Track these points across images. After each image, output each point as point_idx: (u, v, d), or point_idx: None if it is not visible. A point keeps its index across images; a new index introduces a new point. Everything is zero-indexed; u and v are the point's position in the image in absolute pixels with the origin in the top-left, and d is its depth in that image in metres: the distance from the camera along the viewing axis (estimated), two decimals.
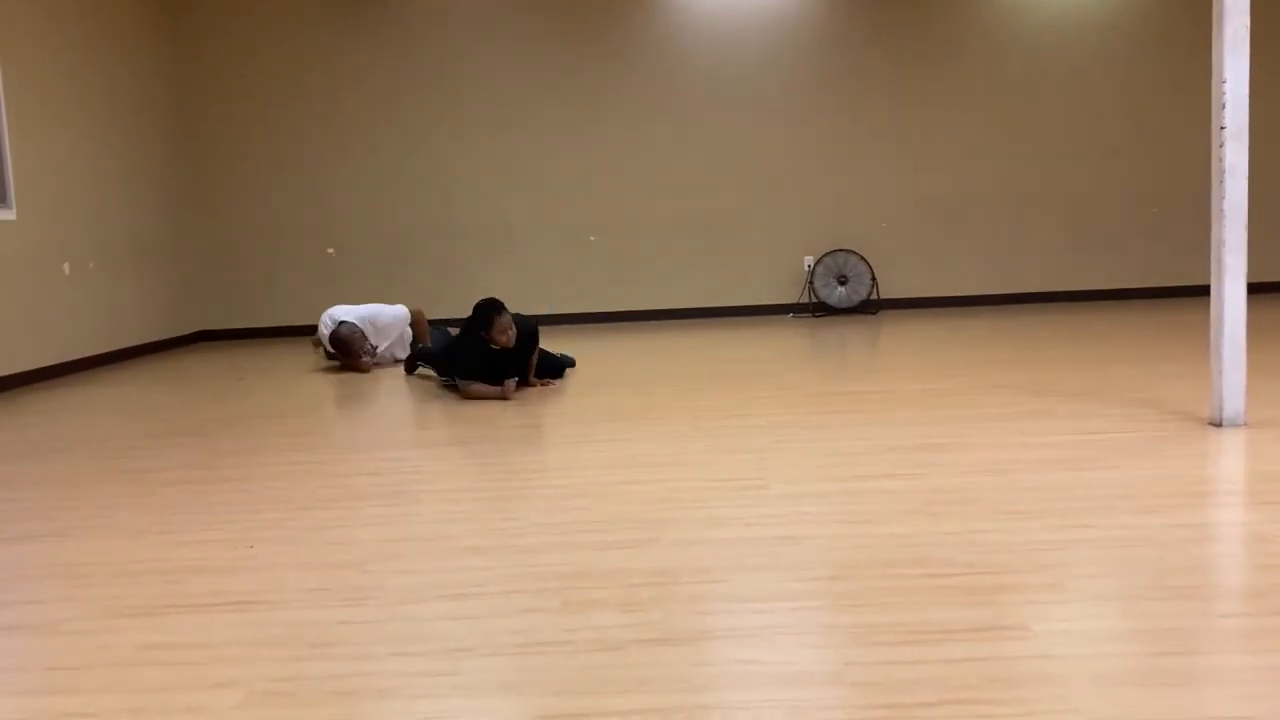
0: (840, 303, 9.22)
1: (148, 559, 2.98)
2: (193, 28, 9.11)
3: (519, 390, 5.55)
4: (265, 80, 9.16)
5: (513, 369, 5.50)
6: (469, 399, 5.45)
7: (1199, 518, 2.96)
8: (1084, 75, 9.20)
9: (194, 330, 9.25)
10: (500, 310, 5.39)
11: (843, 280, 9.23)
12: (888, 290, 9.36)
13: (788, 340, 7.63)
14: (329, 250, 9.32)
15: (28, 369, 6.83)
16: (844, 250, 9.26)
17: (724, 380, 5.73)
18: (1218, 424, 4.01)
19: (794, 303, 9.36)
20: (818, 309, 9.29)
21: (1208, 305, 4.06)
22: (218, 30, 9.12)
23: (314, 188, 9.26)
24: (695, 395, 5.30)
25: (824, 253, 9.29)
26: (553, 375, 5.93)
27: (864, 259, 9.25)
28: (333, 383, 6.45)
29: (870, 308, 9.27)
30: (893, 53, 9.18)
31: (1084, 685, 1.94)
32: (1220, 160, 3.89)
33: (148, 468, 4.20)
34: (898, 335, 7.62)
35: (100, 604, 2.62)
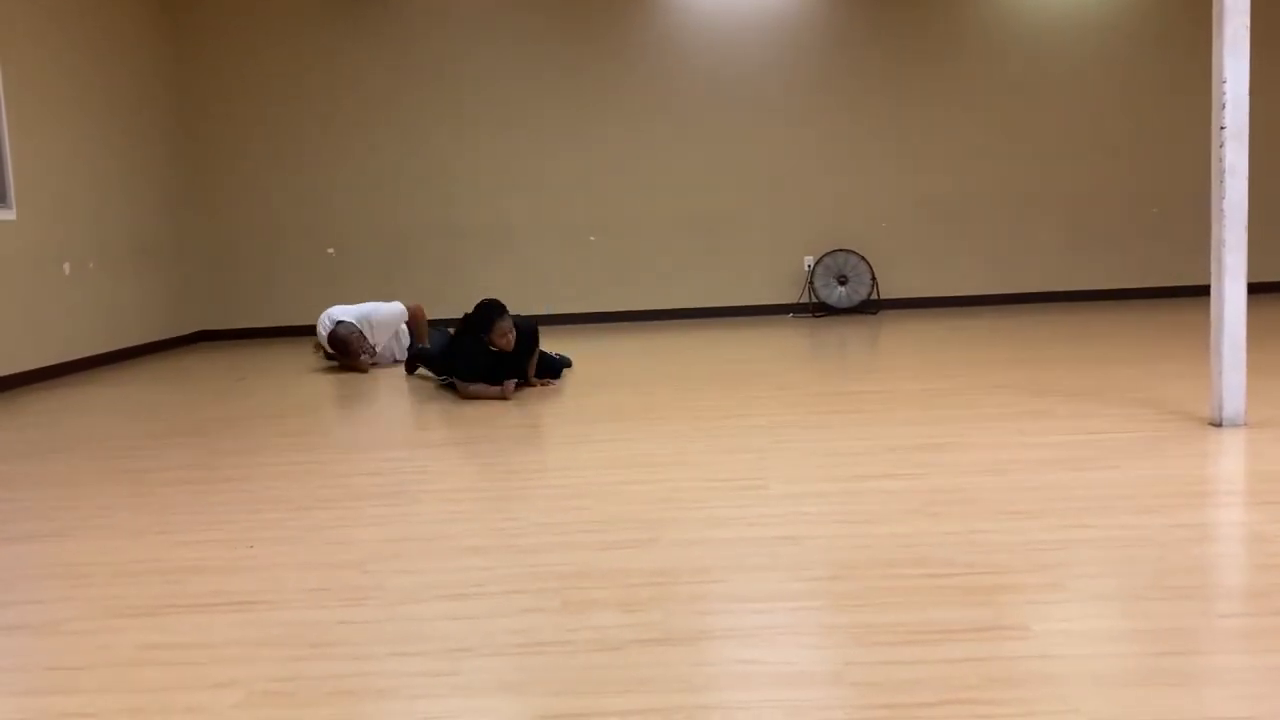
0: (840, 303, 9.22)
1: (148, 559, 2.98)
2: (193, 28, 9.11)
3: (519, 390, 5.56)
4: (265, 80, 9.16)
5: (512, 370, 5.50)
6: (468, 399, 5.45)
7: (1199, 518, 2.96)
8: (1084, 75, 9.20)
9: (194, 330, 9.26)
10: (501, 314, 5.38)
11: (843, 280, 9.23)
12: (888, 290, 9.36)
13: (788, 340, 7.63)
14: (329, 250, 9.32)
15: (28, 369, 6.83)
16: (844, 250, 9.27)
17: (724, 380, 5.73)
18: (1218, 424, 4.01)
19: (794, 303, 9.36)
20: (818, 309, 9.29)
21: (1208, 305, 4.06)
22: (218, 30, 9.12)
23: (314, 188, 9.26)
24: (695, 395, 5.30)
25: (824, 253, 9.29)
26: (551, 375, 5.93)
27: (864, 259, 9.26)
28: (333, 383, 6.45)
29: (870, 308, 9.27)
30: (893, 53, 9.18)
31: (1084, 685, 1.94)
32: (1220, 160, 3.89)
33: (148, 468, 4.20)
34: (898, 335, 7.62)
35: (100, 604, 2.62)
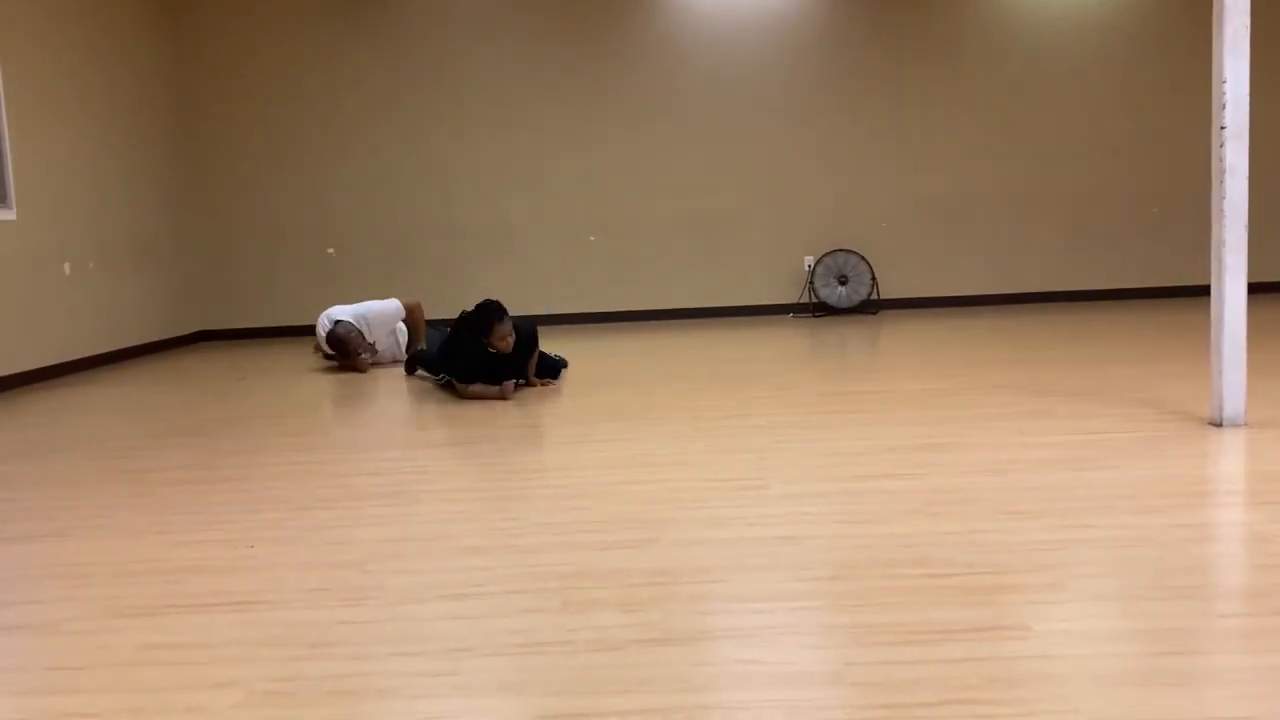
0: (840, 303, 9.22)
1: (148, 559, 2.98)
2: (193, 28, 9.11)
3: (518, 390, 5.55)
4: (265, 80, 9.16)
5: (511, 370, 5.50)
6: (467, 399, 5.45)
7: (1199, 518, 2.96)
8: (1084, 75, 9.20)
9: (194, 330, 9.26)
10: (501, 317, 5.36)
11: (843, 280, 9.23)
12: (888, 290, 9.36)
13: (788, 340, 7.63)
14: (329, 250, 9.32)
15: (28, 369, 6.83)
16: (844, 250, 9.27)
17: (724, 380, 5.73)
18: (1218, 424, 4.01)
19: (794, 303, 9.36)
20: (818, 309, 9.29)
21: (1208, 305, 4.06)
22: (218, 30, 9.12)
23: (314, 188, 9.26)
24: (695, 395, 5.30)
25: (824, 253, 9.29)
26: (551, 375, 5.92)
27: (864, 259, 9.26)
28: (332, 383, 6.45)
29: (870, 308, 9.27)
30: (893, 53, 9.18)
31: (1084, 685, 1.94)
32: (1220, 160, 3.89)
33: (148, 468, 4.20)
34: (898, 335, 7.61)
35: (100, 604, 2.62)
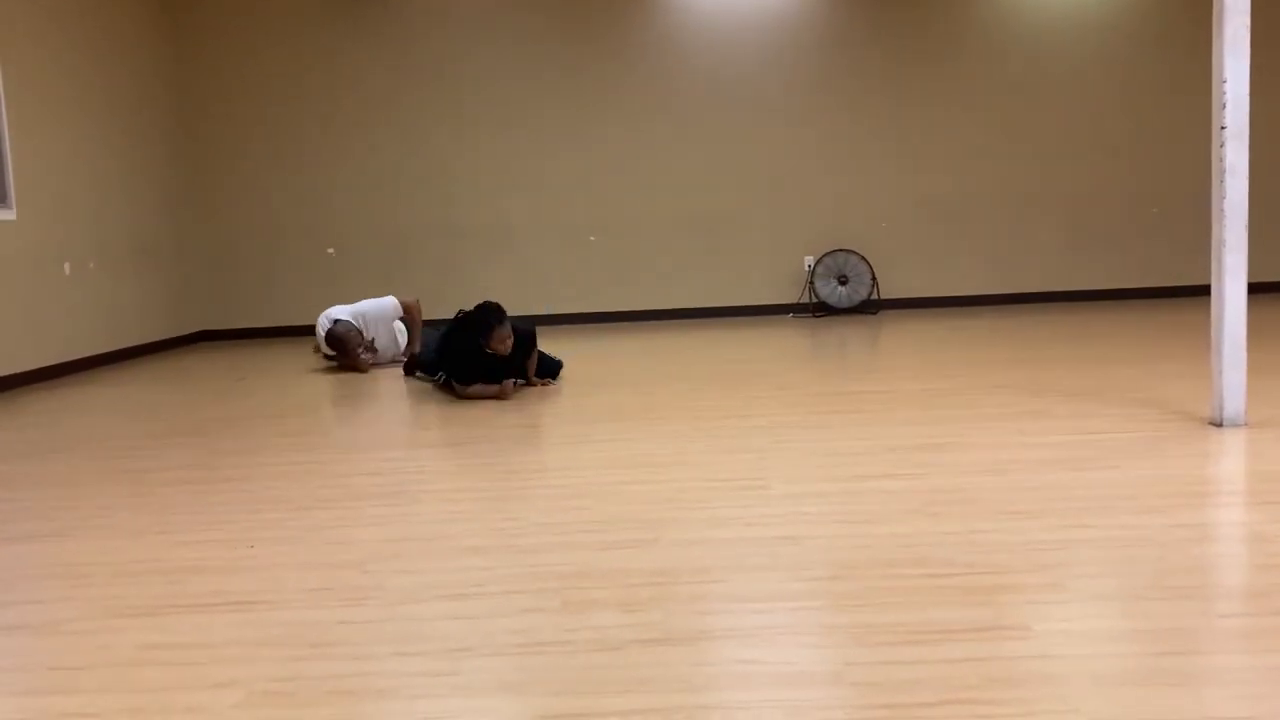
0: (840, 303, 9.22)
1: (148, 559, 2.98)
2: (193, 28, 9.11)
3: (518, 390, 5.55)
4: (265, 80, 9.16)
5: (510, 371, 5.50)
6: (467, 399, 5.45)
7: (1199, 518, 2.96)
8: (1084, 75, 9.20)
9: (194, 330, 9.26)
10: (501, 320, 5.34)
11: (843, 280, 9.23)
12: (888, 290, 9.36)
13: (788, 340, 7.63)
14: (329, 250, 9.32)
15: (28, 369, 6.83)
16: (844, 250, 9.26)
17: (724, 380, 5.73)
18: (1218, 424, 4.01)
19: (794, 303, 9.36)
20: (818, 309, 9.29)
21: (1208, 305, 4.06)
22: (218, 30, 9.12)
23: (314, 188, 9.26)
24: (695, 395, 5.30)
25: (824, 253, 9.29)
26: (551, 375, 5.92)
27: (864, 259, 9.26)
28: (332, 383, 6.45)
29: (870, 308, 9.27)
30: (893, 53, 9.18)
31: (1084, 685, 1.94)
32: (1220, 160, 3.89)
33: (148, 468, 4.20)
34: (898, 335, 7.61)
35: (100, 604, 2.62)
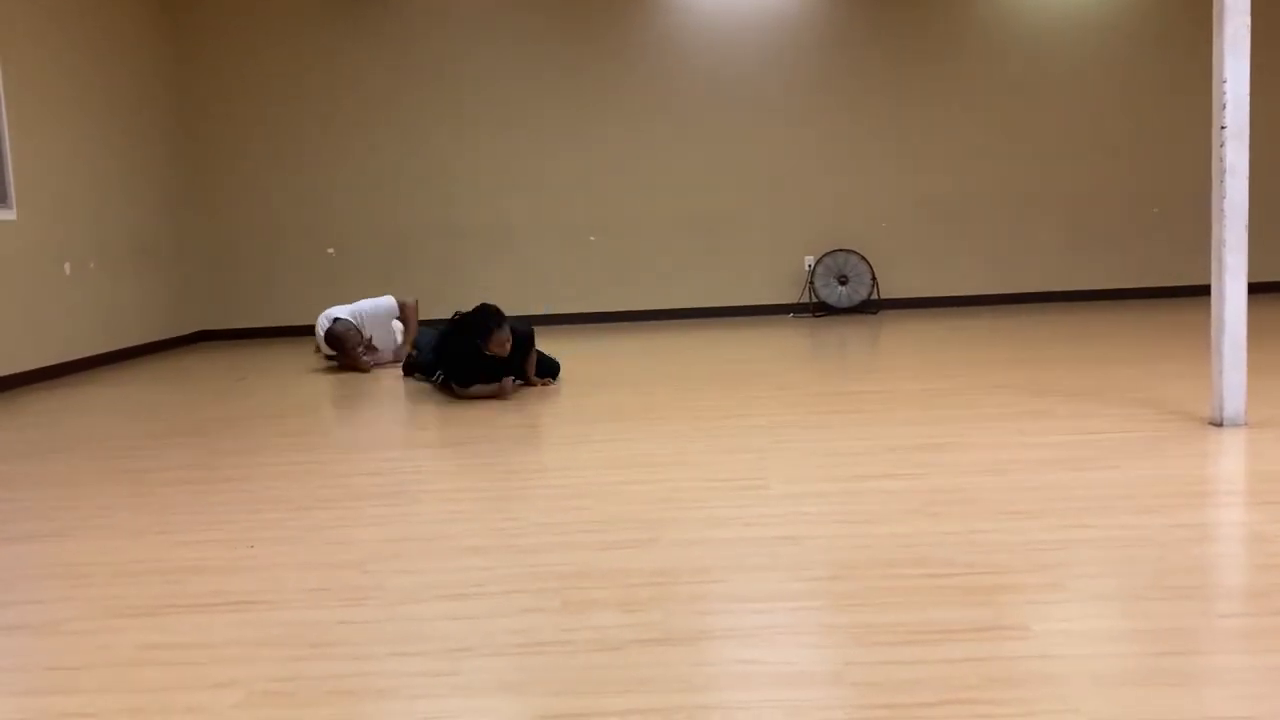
0: (840, 302, 9.22)
1: (148, 559, 2.98)
2: (193, 28, 9.11)
3: (518, 389, 5.55)
4: (265, 80, 9.16)
5: (509, 371, 5.50)
6: (466, 399, 5.44)
7: (1199, 518, 2.96)
8: (1084, 75, 9.20)
9: (194, 330, 9.26)
10: (499, 324, 5.33)
11: (843, 280, 9.23)
12: (888, 290, 9.36)
13: (788, 340, 7.63)
14: (329, 250, 9.32)
15: (28, 369, 6.83)
16: (844, 250, 9.26)
17: (724, 380, 5.73)
18: (1218, 424, 4.00)
19: (794, 303, 9.36)
20: (818, 309, 9.29)
21: (1208, 305, 4.06)
22: (218, 30, 9.12)
23: (314, 188, 9.26)
24: (695, 395, 5.30)
25: (824, 253, 9.29)
26: (550, 375, 5.92)
27: (864, 259, 9.25)
28: (332, 383, 6.45)
29: (870, 308, 9.27)
30: (893, 53, 9.18)
31: (1084, 685, 1.94)
32: (1221, 160, 3.89)
33: (148, 468, 4.20)
34: (898, 335, 7.61)
35: (100, 604, 2.62)
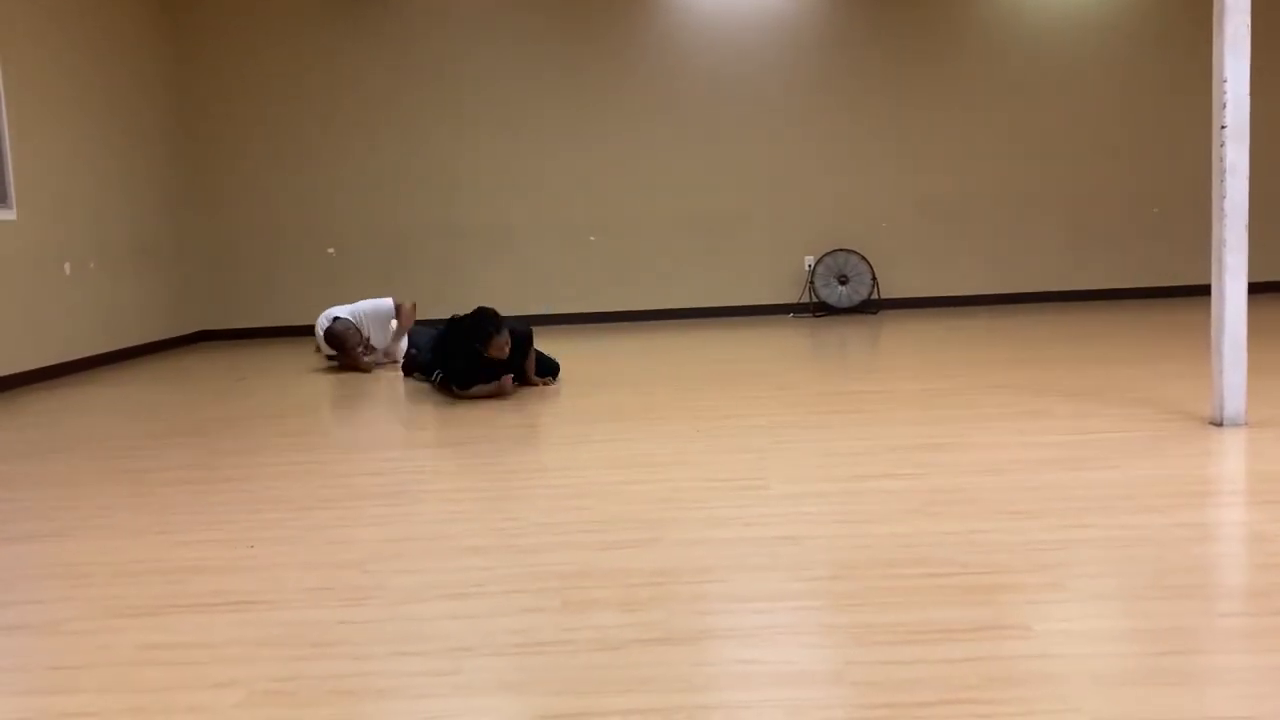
0: (841, 302, 9.22)
1: (148, 559, 2.98)
2: (193, 28, 9.11)
3: (518, 389, 5.55)
4: (265, 80, 9.16)
5: (508, 371, 5.50)
6: (467, 399, 5.44)
7: (1199, 517, 2.97)
8: (1084, 75, 9.20)
9: (194, 330, 9.25)
10: (499, 329, 5.33)
11: (843, 280, 9.23)
12: (888, 290, 9.36)
13: (788, 340, 7.63)
14: (329, 250, 9.32)
15: (28, 369, 6.83)
16: (844, 250, 9.26)
17: (724, 380, 5.73)
18: (1218, 423, 4.00)
19: (794, 303, 9.36)
20: (818, 309, 9.29)
21: (1208, 305, 4.06)
22: (218, 30, 9.12)
23: (314, 187, 9.26)
24: (695, 395, 5.30)
25: (824, 253, 9.29)
26: (550, 374, 5.92)
27: (864, 259, 9.25)
28: (333, 383, 6.45)
29: (871, 308, 9.26)
30: (893, 53, 9.18)
31: (1084, 685, 1.94)
32: (1221, 160, 3.89)
33: (148, 468, 4.20)
34: (898, 335, 7.62)
35: (100, 604, 2.62)
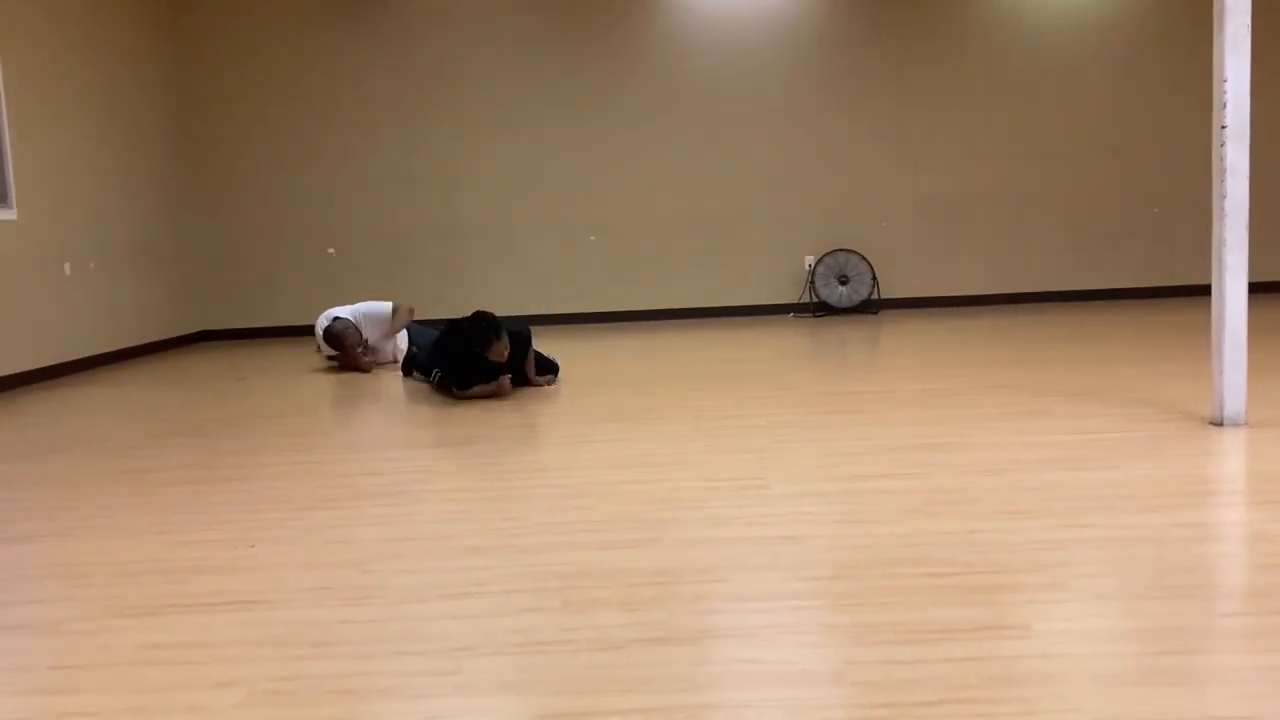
0: (841, 302, 9.22)
1: (148, 559, 2.98)
2: (193, 28, 9.11)
3: (518, 389, 5.55)
4: (265, 80, 9.16)
5: (505, 372, 5.50)
6: (467, 400, 5.44)
7: (1199, 517, 2.97)
8: (1084, 75, 9.20)
9: (194, 330, 9.25)
10: (498, 334, 5.33)
11: (844, 280, 9.23)
12: (888, 290, 9.36)
13: (788, 340, 7.63)
14: (329, 250, 9.32)
15: (28, 369, 6.83)
16: (845, 250, 9.26)
17: (724, 380, 5.73)
18: (1218, 423, 4.01)
19: (794, 302, 9.36)
20: (818, 309, 9.29)
21: (1208, 305, 4.06)
22: (218, 30, 9.12)
23: (314, 188, 9.26)
24: (695, 395, 5.30)
25: (824, 253, 9.29)
26: (551, 374, 5.93)
27: (865, 259, 9.25)
28: (332, 383, 6.45)
29: (871, 308, 9.27)
30: (893, 53, 9.18)
31: (1084, 685, 1.94)
32: (1221, 159, 3.89)
33: (148, 468, 4.20)
34: (898, 335, 7.62)
35: (100, 604, 2.62)
